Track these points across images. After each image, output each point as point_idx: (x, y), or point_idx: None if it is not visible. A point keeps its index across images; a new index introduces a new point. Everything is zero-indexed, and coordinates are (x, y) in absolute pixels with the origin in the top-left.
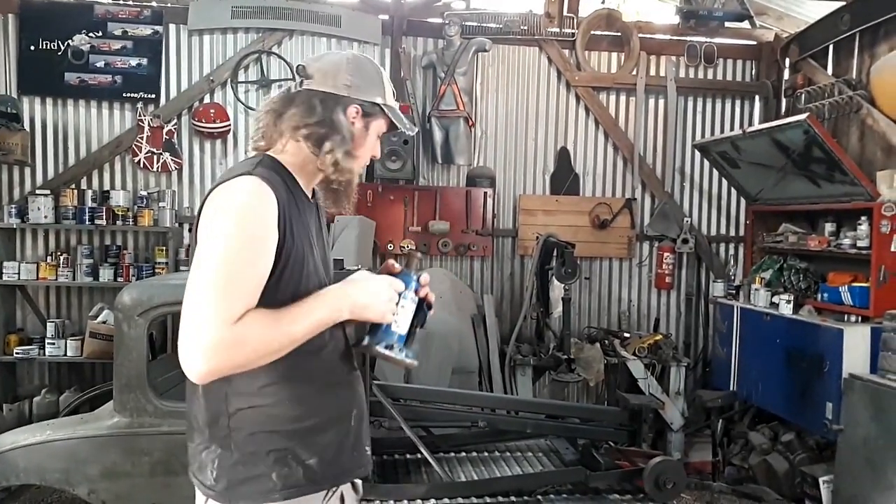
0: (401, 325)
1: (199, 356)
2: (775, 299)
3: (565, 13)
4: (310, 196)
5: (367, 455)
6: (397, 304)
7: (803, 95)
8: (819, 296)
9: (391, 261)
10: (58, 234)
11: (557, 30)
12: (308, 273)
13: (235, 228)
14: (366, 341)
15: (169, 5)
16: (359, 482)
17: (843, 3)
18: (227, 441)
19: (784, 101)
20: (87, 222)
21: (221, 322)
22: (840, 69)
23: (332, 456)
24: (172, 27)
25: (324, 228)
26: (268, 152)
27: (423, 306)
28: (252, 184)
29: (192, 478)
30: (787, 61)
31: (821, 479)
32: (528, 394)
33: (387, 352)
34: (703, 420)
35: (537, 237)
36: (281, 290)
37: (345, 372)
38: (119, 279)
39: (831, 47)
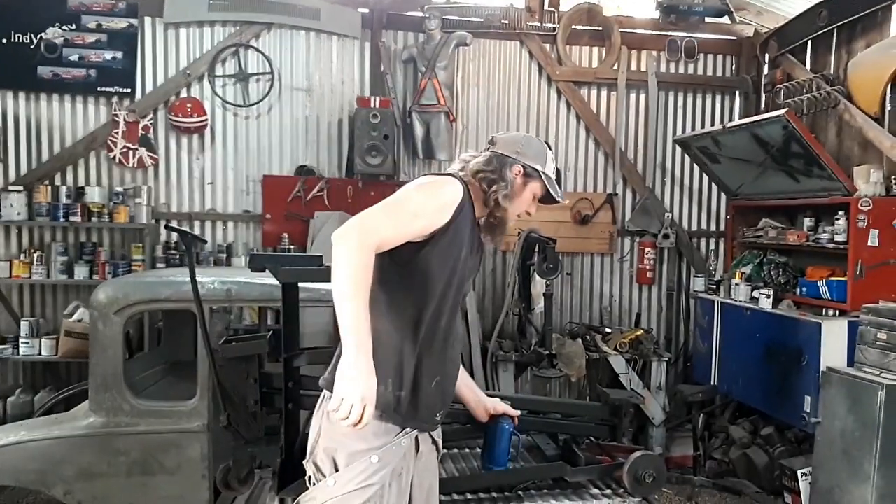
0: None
1: (346, 238)
2: (755, 294)
3: (546, 7)
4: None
5: (436, 420)
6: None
7: (782, 91)
8: (798, 290)
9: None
10: (31, 232)
11: (538, 24)
12: (452, 264)
13: (425, 193)
14: None
15: None
16: (439, 442)
17: (821, 0)
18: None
19: (764, 96)
20: (61, 219)
21: (368, 238)
22: (818, 65)
23: (415, 400)
24: (148, 20)
25: (476, 253)
26: None
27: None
28: (453, 180)
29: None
30: (767, 57)
31: (799, 472)
32: (510, 390)
33: None
34: (684, 415)
35: (519, 233)
36: (429, 262)
37: (440, 349)
38: (94, 277)
39: (809, 43)
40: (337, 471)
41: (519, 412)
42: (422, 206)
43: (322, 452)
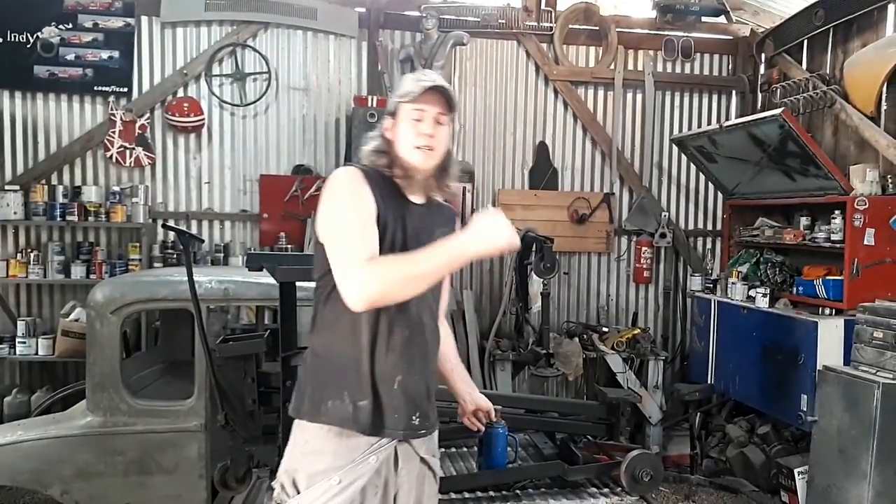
0: None
1: (353, 296)
2: (752, 293)
3: (543, 7)
4: (413, 199)
5: (413, 424)
6: None
7: (778, 90)
8: (794, 289)
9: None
10: (28, 231)
11: (535, 23)
12: (392, 244)
13: (337, 197)
14: None
15: None
16: (433, 463)
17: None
18: (307, 367)
19: (760, 95)
20: (58, 218)
21: (357, 263)
22: (814, 64)
23: (377, 409)
24: (144, 19)
25: (435, 231)
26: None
27: None
28: (339, 170)
29: None
30: (763, 56)
31: (796, 471)
32: (508, 389)
33: None
34: (681, 413)
35: (516, 231)
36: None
37: (397, 342)
38: (91, 276)
39: (806, 42)
40: (298, 493)
41: (499, 407)
42: (350, 206)
43: (284, 474)
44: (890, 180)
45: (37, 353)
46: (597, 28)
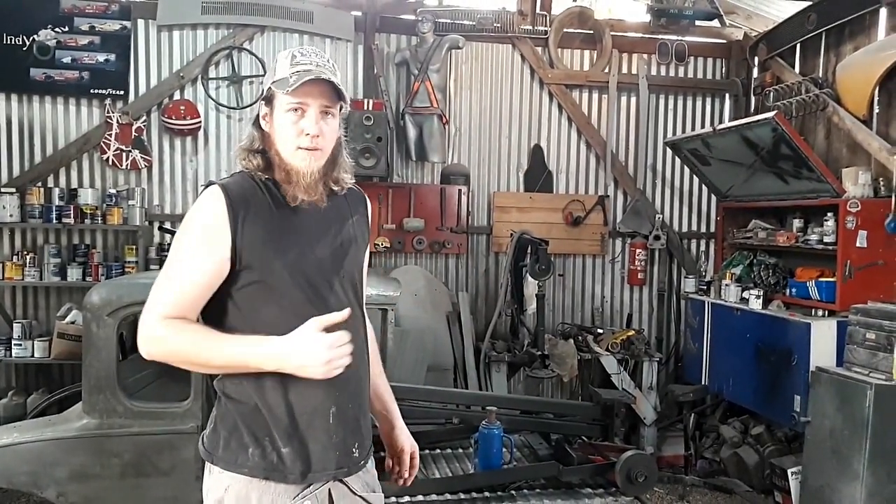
0: None
1: (139, 341)
2: (745, 294)
3: (538, 11)
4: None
5: (354, 457)
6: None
7: (772, 93)
8: (787, 291)
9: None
10: (24, 233)
11: (530, 27)
12: (284, 271)
13: (185, 238)
14: None
15: (137, 0)
16: (374, 500)
17: (810, 3)
18: (221, 409)
19: (753, 98)
20: (54, 221)
21: (155, 316)
22: (807, 68)
23: (304, 450)
24: (141, 22)
25: (346, 224)
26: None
27: None
28: (204, 194)
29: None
30: (756, 60)
31: (789, 471)
32: (503, 390)
33: None
34: (675, 414)
35: (511, 234)
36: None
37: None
38: (88, 279)
39: (798, 46)
40: None
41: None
42: (190, 250)
43: None
44: (882, 183)
45: (33, 356)
46: (591, 32)
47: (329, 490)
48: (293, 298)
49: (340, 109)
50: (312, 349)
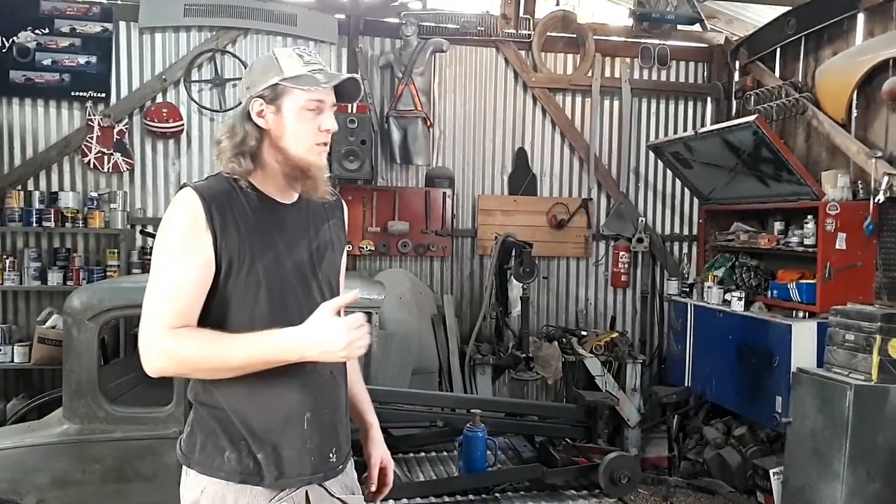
0: None
1: (144, 359)
2: (727, 296)
3: (521, 14)
4: (283, 201)
5: (331, 462)
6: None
7: (752, 97)
8: (769, 293)
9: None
10: (3, 237)
11: (514, 31)
12: (264, 273)
13: (163, 247)
14: None
15: (119, 2)
16: (353, 501)
17: (790, 8)
18: (197, 414)
19: (734, 102)
20: (34, 224)
21: (157, 329)
22: (787, 72)
23: (278, 456)
24: (123, 24)
25: (322, 228)
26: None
27: None
28: (178, 198)
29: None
30: (737, 64)
31: (771, 471)
32: (488, 392)
33: None
34: (658, 416)
35: (496, 237)
36: (236, 291)
37: (297, 374)
38: (69, 283)
39: (778, 50)
40: None
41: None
42: (176, 254)
43: None
44: (860, 186)
45: (12, 361)
46: (574, 36)
47: (306, 492)
48: (273, 300)
49: None
50: (333, 334)
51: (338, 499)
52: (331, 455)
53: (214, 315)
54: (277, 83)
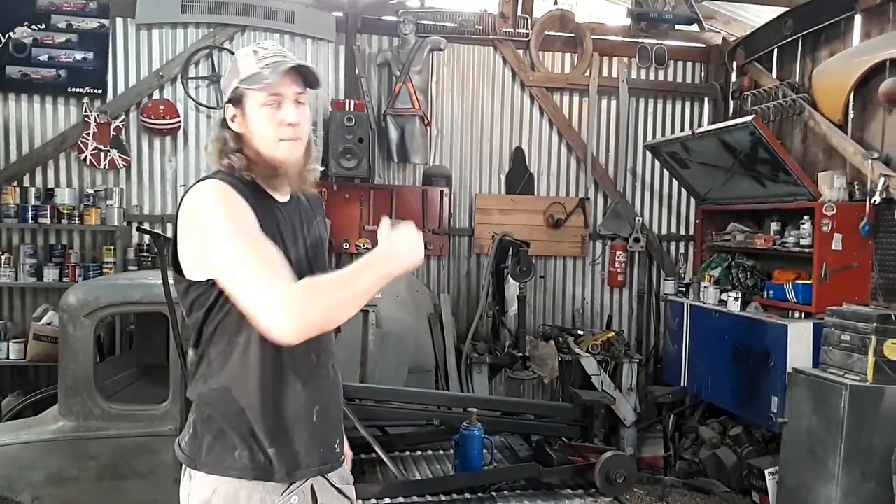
0: None
1: (283, 326)
2: (724, 296)
3: (519, 13)
4: (279, 197)
5: (336, 453)
6: None
7: (749, 97)
8: (765, 293)
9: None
10: None
11: (512, 30)
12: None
13: (217, 205)
14: None
15: None
16: (349, 491)
17: (787, 9)
18: (201, 414)
19: (731, 103)
20: (30, 221)
21: (280, 288)
22: (784, 72)
23: (291, 450)
24: (119, 21)
25: (313, 224)
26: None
27: None
28: (212, 182)
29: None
30: (735, 64)
31: (767, 471)
32: (484, 391)
33: None
34: (654, 415)
35: (493, 236)
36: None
37: (305, 369)
38: (64, 279)
39: (776, 51)
40: None
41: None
42: (239, 227)
43: None
44: (857, 187)
45: (8, 357)
46: (572, 35)
47: (312, 484)
48: None
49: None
50: (414, 241)
51: (337, 489)
52: (336, 446)
53: (215, 305)
54: (237, 86)
